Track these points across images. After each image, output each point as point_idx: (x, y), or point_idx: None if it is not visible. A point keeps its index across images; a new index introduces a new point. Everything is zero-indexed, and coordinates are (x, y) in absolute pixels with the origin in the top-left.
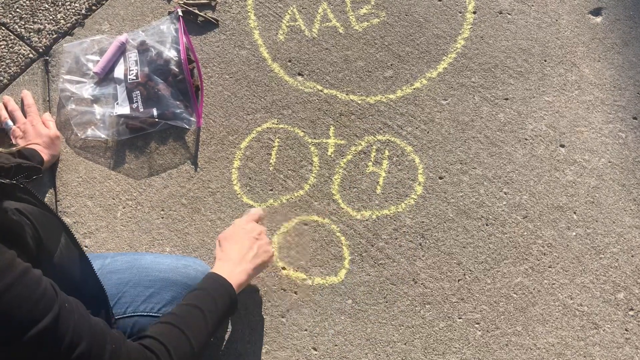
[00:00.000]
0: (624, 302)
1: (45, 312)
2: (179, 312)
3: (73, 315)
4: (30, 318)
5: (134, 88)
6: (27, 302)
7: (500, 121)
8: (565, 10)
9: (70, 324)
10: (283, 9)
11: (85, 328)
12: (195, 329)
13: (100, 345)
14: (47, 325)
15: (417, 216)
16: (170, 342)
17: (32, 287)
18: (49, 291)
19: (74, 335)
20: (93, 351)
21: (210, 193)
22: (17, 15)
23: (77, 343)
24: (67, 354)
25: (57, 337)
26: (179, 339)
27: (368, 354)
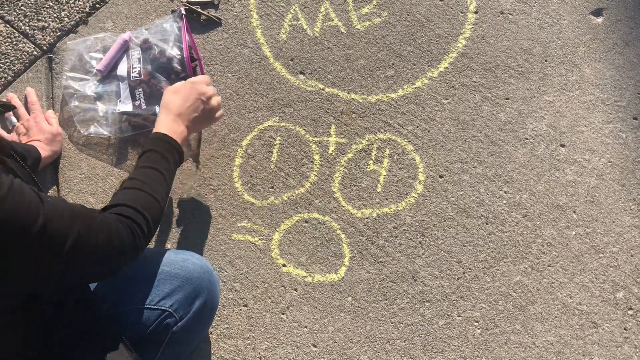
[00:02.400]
0: (623, 301)
1: (37, 213)
2: (140, 176)
3: (57, 209)
4: (28, 220)
5: (136, 85)
6: (22, 207)
7: (500, 120)
8: (567, 10)
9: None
10: (285, 8)
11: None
12: (158, 188)
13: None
14: (41, 224)
15: (417, 214)
16: (140, 204)
17: (22, 193)
18: (33, 195)
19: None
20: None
21: (212, 190)
22: (22, 13)
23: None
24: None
25: (52, 232)
26: (148, 200)
27: (367, 351)
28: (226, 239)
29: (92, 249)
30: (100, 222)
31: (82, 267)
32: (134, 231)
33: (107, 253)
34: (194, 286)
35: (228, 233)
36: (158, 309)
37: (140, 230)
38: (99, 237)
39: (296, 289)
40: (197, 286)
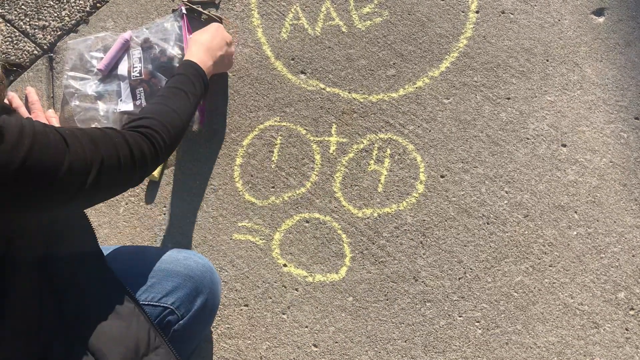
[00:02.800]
0: (624, 301)
1: (63, 152)
2: (166, 93)
3: (79, 141)
4: (56, 161)
5: (137, 85)
6: (49, 149)
7: (502, 120)
8: (568, 10)
9: (81, 149)
10: (286, 7)
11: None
12: (182, 105)
13: (111, 147)
14: (69, 162)
15: (418, 214)
16: (163, 116)
17: (47, 134)
18: (57, 134)
19: (90, 154)
20: (108, 156)
21: (212, 190)
22: (22, 12)
23: (94, 160)
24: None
25: (79, 164)
26: (170, 114)
27: (368, 351)
28: (227, 239)
29: (115, 170)
30: (119, 142)
31: (107, 188)
32: (153, 141)
33: (130, 168)
34: (196, 284)
35: (229, 233)
36: (160, 306)
37: (161, 139)
38: (120, 156)
39: (297, 289)
40: (198, 284)
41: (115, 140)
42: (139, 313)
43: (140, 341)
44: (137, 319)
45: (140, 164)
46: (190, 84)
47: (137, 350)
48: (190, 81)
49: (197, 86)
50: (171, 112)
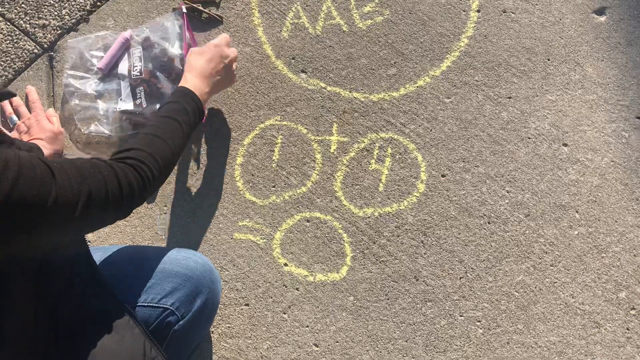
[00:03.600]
0: (625, 301)
1: (50, 185)
2: (157, 123)
3: (67, 172)
4: (42, 195)
5: (137, 84)
6: (34, 181)
7: (503, 120)
8: (569, 9)
9: (68, 180)
10: (287, 6)
11: (81, 174)
12: (173, 136)
13: (98, 180)
14: (55, 195)
15: (419, 214)
16: (152, 148)
17: (32, 167)
18: (43, 166)
19: (77, 186)
20: (96, 189)
21: (213, 189)
22: (22, 11)
23: (81, 192)
24: (76, 203)
25: (66, 197)
26: (161, 145)
27: (369, 351)
28: (227, 238)
29: (103, 202)
30: (108, 174)
31: (93, 220)
32: (141, 173)
33: (117, 201)
34: (196, 284)
35: (229, 232)
36: (160, 307)
37: (150, 172)
38: (108, 189)
39: (298, 289)
40: (198, 284)
41: (103, 172)
42: (134, 325)
43: (134, 355)
44: (132, 331)
45: (127, 196)
46: (184, 113)
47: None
48: (184, 109)
49: (191, 115)
50: (161, 143)
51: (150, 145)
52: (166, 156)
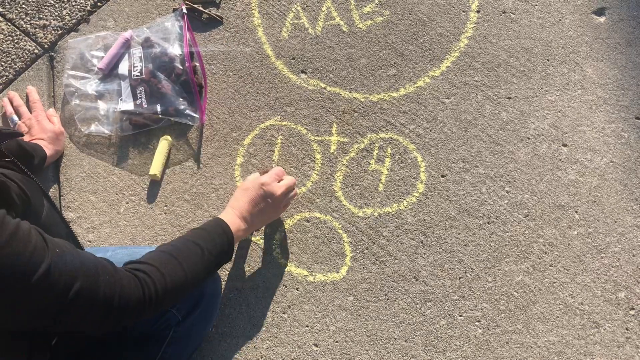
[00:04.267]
0: (624, 301)
1: (40, 262)
2: (178, 244)
3: (64, 258)
4: (27, 269)
5: (138, 84)
6: (23, 256)
7: (502, 120)
8: (569, 10)
9: (63, 267)
10: (287, 7)
11: (77, 267)
12: (191, 261)
13: (94, 279)
14: (42, 273)
15: (418, 214)
16: (165, 267)
17: (25, 240)
18: (40, 242)
19: (68, 277)
20: (88, 287)
21: (213, 189)
22: (23, 11)
23: (72, 283)
24: (64, 295)
25: (53, 282)
26: (175, 267)
27: (369, 351)
28: None
29: (90, 302)
30: (109, 279)
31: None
32: (145, 288)
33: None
34: None
35: None
36: None
37: (155, 290)
38: (101, 292)
39: (297, 288)
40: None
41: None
42: None
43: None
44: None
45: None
46: (210, 242)
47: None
48: (212, 239)
49: (217, 245)
50: (176, 264)
51: (163, 263)
52: (177, 279)
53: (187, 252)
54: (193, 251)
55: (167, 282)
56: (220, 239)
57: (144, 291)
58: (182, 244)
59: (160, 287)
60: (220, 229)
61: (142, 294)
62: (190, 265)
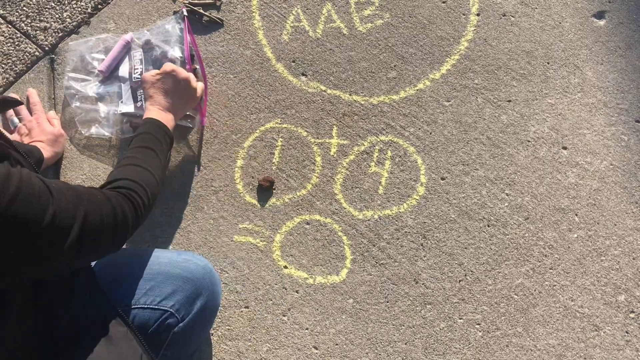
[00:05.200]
0: (624, 304)
1: (47, 204)
2: (136, 154)
3: (65, 197)
4: (38, 213)
5: (138, 87)
6: (33, 199)
7: (502, 123)
8: (569, 13)
9: (66, 206)
10: (287, 10)
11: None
12: (152, 164)
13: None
14: (51, 215)
15: (418, 217)
16: (138, 177)
17: (32, 184)
18: (42, 186)
19: (73, 212)
20: (92, 216)
21: (213, 191)
22: (24, 14)
23: (79, 217)
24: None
25: (61, 222)
26: (145, 174)
27: (369, 354)
28: (228, 241)
29: (98, 228)
30: (102, 200)
31: (89, 247)
32: (134, 202)
33: (112, 228)
34: (196, 287)
35: (229, 234)
36: (159, 309)
37: (141, 201)
38: (103, 215)
39: (297, 291)
40: (198, 287)
41: (98, 198)
42: (131, 337)
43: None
44: (129, 343)
45: (121, 225)
46: (157, 141)
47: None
48: (156, 138)
49: (162, 142)
50: (144, 171)
51: (135, 174)
52: (152, 184)
53: (146, 158)
54: (150, 155)
55: (146, 189)
56: (164, 138)
57: (133, 203)
58: (138, 152)
59: (144, 196)
60: (158, 127)
61: (132, 207)
62: (154, 168)
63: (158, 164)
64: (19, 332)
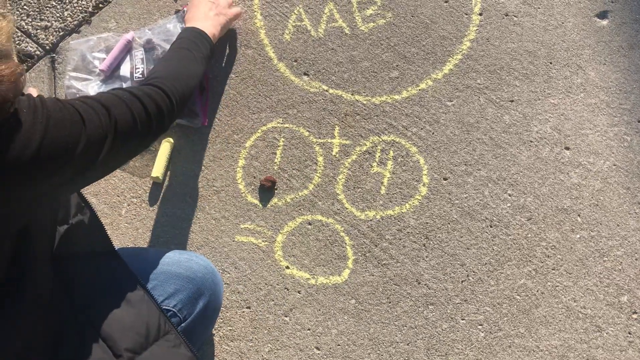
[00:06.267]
0: (627, 305)
1: (79, 122)
2: (172, 54)
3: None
4: (74, 133)
5: None
6: (65, 122)
7: (505, 123)
8: (572, 13)
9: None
10: (289, 9)
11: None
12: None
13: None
14: (87, 132)
15: (421, 217)
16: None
17: (60, 109)
18: (69, 107)
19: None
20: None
21: (215, 191)
22: (25, 13)
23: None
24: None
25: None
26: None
27: (371, 354)
28: (229, 241)
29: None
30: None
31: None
32: (167, 91)
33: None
34: (198, 286)
35: (231, 235)
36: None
37: (174, 88)
38: (134, 113)
39: (299, 291)
40: (200, 286)
41: (124, 98)
42: (149, 299)
43: (150, 327)
44: (147, 305)
45: (156, 116)
46: (194, 44)
47: (147, 336)
48: (193, 41)
49: (201, 46)
50: (179, 66)
51: (169, 69)
52: (183, 74)
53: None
54: (186, 55)
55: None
56: (203, 43)
57: (166, 93)
58: (174, 53)
59: (177, 85)
60: (198, 34)
61: (165, 95)
62: (188, 65)
63: (193, 62)
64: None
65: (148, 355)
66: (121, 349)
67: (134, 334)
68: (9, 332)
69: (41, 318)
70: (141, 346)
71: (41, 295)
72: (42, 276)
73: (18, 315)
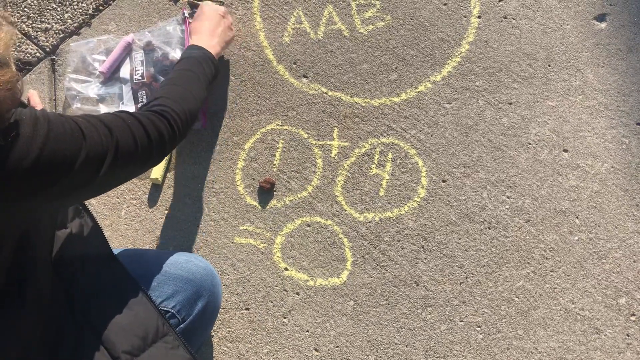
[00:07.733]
0: (625, 307)
1: (79, 137)
2: (177, 75)
3: (94, 126)
4: (74, 148)
5: (139, 88)
6: (66, 137)
7: (503, 125)
8: (570, 15)
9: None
10: (289, 12)
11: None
12: (193, 85)
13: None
14: (87, 147)
15: (419, 219)
16: (178, 96)
17: (61, 124)
18: (71, 122)
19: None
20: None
21: (214, 193)
22: (25, 15)
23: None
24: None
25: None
26: (185, 95)
27: (369, 356)
28: (228, 242)
29: (132, 152)
30: (133, 124)
31: (125, 170)
32: (169, 118)
33: (147, 149)
34: (197, 288)
35: (230, 236)
36: (161, 309)
37: (177, 116)
38: (136, 138)
39: (298, 293)
40: (199, 287)
41: (128, 122)
42: (147, 302)
43: (149, 329)
44: (145, 307)
45: (157, 143)
46: (199, 66)
47: (145, 338)
48: (198, 62)
49: (205, 66)
50: (184, 91)
51: (173, 93)
52: (190, 102)
53: (186, 79)
54: (190, 77)
55: (184, 106)
56: (206, 63)
57: (168, 119)
58: (179, 74)
59: (181, 113)
60: (202, 53)
61: (167, 123)
62: (194, 89)
63: (197, 84)
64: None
65: (146, 357)
66: (119, 351)
67: (132, 336)
68: (9, 332)
69: (41, 319)
70: (139, 348)
71: (41, 297)
72: (42, 279)
73: (18, 316)
